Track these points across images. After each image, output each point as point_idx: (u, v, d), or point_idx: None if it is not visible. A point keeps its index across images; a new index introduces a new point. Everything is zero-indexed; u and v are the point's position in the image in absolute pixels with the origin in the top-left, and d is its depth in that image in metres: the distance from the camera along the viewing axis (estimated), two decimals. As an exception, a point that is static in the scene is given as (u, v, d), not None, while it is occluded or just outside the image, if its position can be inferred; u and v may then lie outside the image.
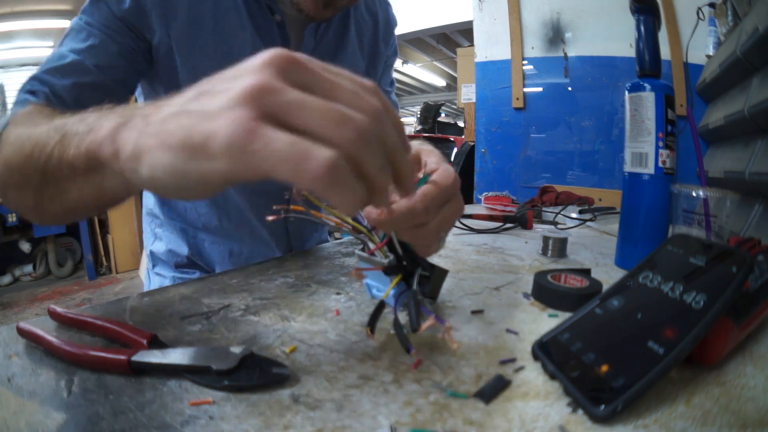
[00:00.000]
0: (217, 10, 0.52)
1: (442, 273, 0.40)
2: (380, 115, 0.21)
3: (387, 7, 0.72)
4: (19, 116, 0.40)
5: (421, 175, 0.33)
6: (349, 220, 0.34)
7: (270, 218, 0.32)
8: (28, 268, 3.57)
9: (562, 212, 0.92)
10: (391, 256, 0.34)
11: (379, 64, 0.72)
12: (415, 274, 0.34)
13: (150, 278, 0.74)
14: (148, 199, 0.73)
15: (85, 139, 0.26)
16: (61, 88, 0.47)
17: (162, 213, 0.70)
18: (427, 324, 0.29)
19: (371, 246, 0.34)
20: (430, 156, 0.37)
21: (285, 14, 0.56)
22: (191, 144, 0.20)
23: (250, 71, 0.20)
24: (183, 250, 0.69)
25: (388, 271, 0.34)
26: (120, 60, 0.50)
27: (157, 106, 0.24)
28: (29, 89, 0.47)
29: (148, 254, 0.74)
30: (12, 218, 3.17)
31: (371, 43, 0.69)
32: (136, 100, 0.61)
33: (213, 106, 0.20)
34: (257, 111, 0.19)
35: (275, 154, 0.18)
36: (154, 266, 0.74)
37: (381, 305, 0.32)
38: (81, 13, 0.50)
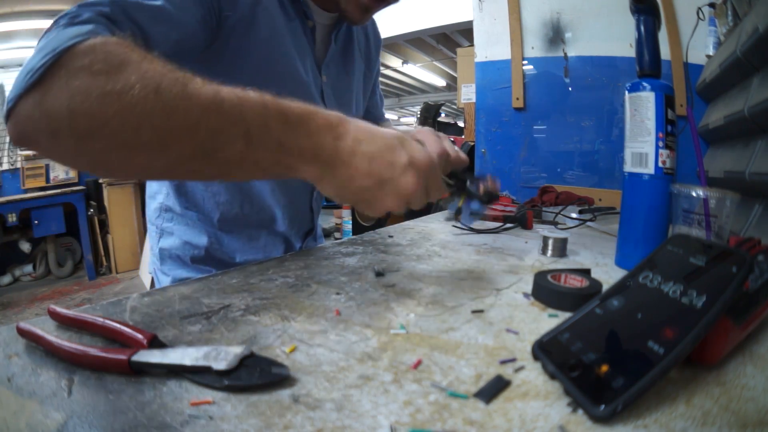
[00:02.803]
0: (276, 8, 0.58)
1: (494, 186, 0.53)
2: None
3: (374, 23, 0.84)
4: (115, 43, 0.32)
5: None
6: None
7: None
8: (28, 268, 3.57)
9: (562, 212, 0.92)
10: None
11: (373, 68, 0.84)
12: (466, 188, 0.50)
13: (158, 277, 0.74)
14: (158, 195, 0.72)
15: (284, 159, 0.35)
16: (148, 34, 0.41)
17: (178, 203, 0.70)
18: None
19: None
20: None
21: (315, 21, 0.63)
22: (356, 203, 0.39)
23: (406, 190, 0.37)
24: (202, 240, 0.69)
25: (454, 193, 0.50)
26: (200, 27, 0.48)
27: (348, 165, 0.36)
28: (108, 14, 0.38)
29: (157, 253, 0.73)
30: (12, 218, 3.17)
31: (365, 50, 0.80)
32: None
33: (376, 202, 0.38)
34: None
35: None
36: (162, 264, 0.72)
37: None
38: None
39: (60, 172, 3.86)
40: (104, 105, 0.29)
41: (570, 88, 1.36)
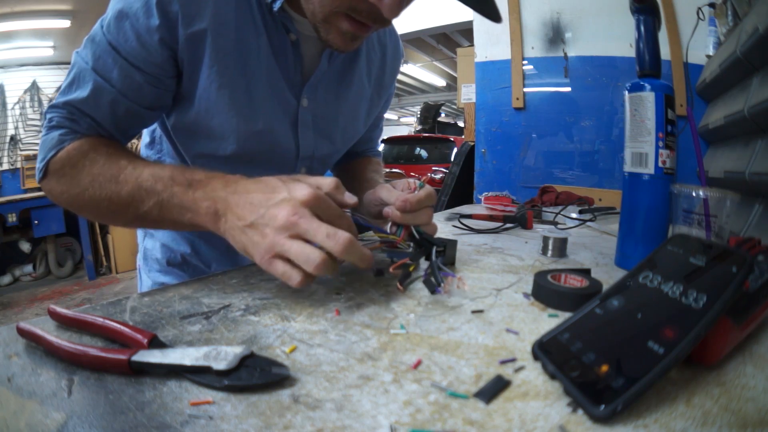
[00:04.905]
0: (238, 22, 0.51)
1: (454, 243, 0.55)
2: (353, 232, 0.41)
3: (397, 40, 0.74)
4: (75, 152, 0.48)
5: (418, 182, 0.54)
6: (382, 236, 0.54)
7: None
8: (28, 268, 3.57)
9: (562, 212, 0.92)
10: (411, 247, 0.53)
11: (384, 94, 0.74)
12: (432, 251, 0.48)
13: (140, 275, 0.74)
14: None
15: (186, 214, 0.44)
16: (101, 119, 0.50)
17: None
18: (448, 282, 0.43)
19: (399, 245, 0.54)
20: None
21: (300, 33, 0.56)
22: (247, 252, 0.40)
23: (272, 230, 0.38)
24: (179, 246, 0.68)
25: (414, 258, 0.48)
26: (147, 88, 0.50)
27: (231, 206, 0.41)
28: (69, 116, 0.49)
29: (142, 251, 0.74)
30: (12, 218, 3.17)
31: (378, 73, 0.70)
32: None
33: (255, 240, 0.39)
34: (273, 253, 0.38)
35: (278, 274, 0.39)
36: (144, 263, 0.73)
37: (408, 273, 0.47)
38: (105, 28, 0.48)
39: (60, 172, 3.86)
40: (77, 199, 0.49)
41: (570, 88, 1.36)
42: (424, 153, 5.63)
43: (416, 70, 8.24)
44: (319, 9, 0.47)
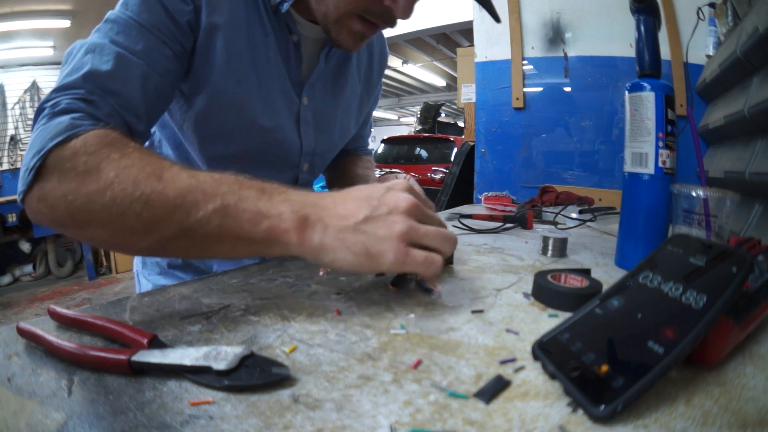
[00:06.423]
0: (248, 21, 0.53)
1: None
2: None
3: (383, 40, 0.76)
4: (95, 139, 0.36)
5: None
6: None
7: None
8: (28, 268, 3.57)
9: (562, 212, 0.92)
10: None
11: (372, 92, 0.76)
12: None
13: (139, 279, 0.74)
14: None
15: (263, 221, 0.35)
16: (131, 95, 0.43)
17: None
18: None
19: None
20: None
21: (300, 34, 0.57)
22: (370, 254, 0.35)
23: (399, 215, 0.36)
24: None
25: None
26: (175, 63, 0.48)
27: (326, 209, 0.36)
28: (86, 97, 0.40)
29: (140, 256, 0.73)
30: (12, 218, 3.17)
31: (367, 71, 0.73)
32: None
33: (382, 233, 0.35)
34: (407, 242, 0.35)
35: (417, 264, 0.35)
36: (143, 267, 0.72)
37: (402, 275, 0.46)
38: (122, 6, 0.45)
39: (60, 172, 3.85)
40: (91, 201, 0.34)
41: (570, 88, 1.36)
42: (424, 153, 5.63)
43: (416, 70, 8.25)
44: (333, 10, 0.48)
